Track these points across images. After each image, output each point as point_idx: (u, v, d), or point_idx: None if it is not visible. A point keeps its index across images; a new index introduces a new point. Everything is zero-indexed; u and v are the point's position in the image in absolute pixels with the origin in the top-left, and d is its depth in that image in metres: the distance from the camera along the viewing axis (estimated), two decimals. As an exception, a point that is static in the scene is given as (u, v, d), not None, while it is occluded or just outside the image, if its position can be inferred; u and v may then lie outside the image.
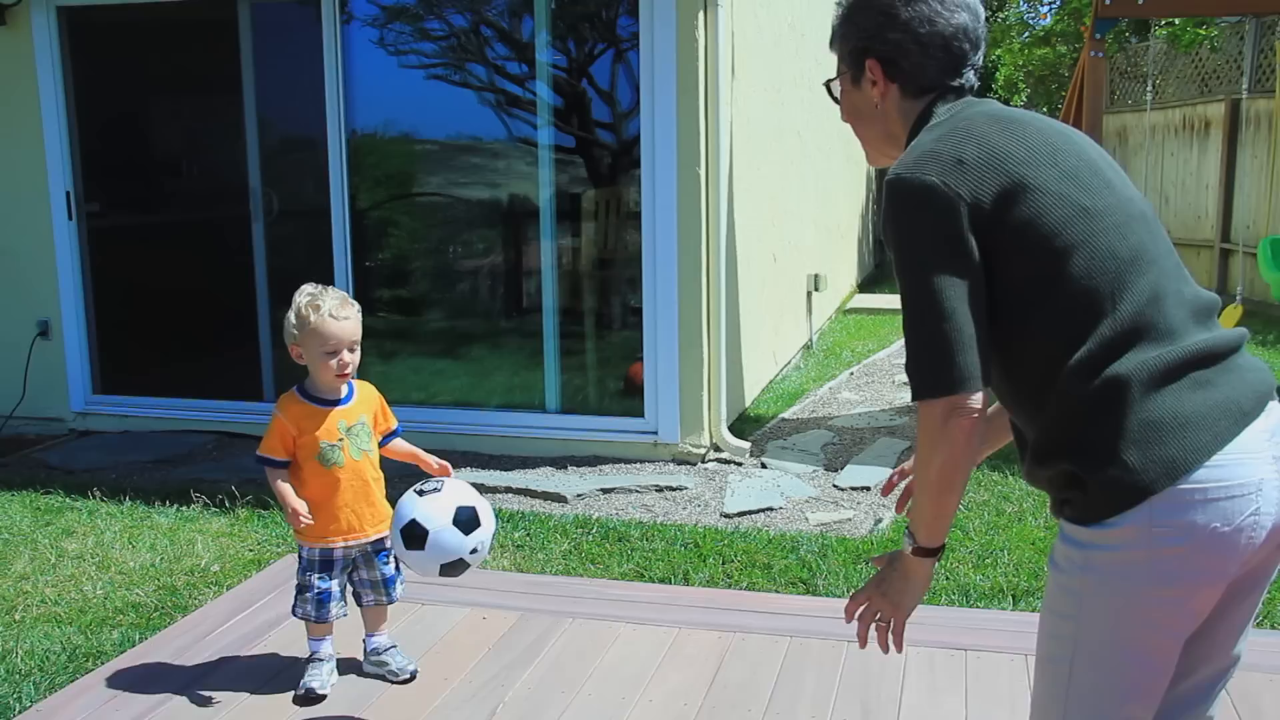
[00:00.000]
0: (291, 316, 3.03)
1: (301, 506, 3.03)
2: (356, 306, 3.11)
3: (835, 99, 2.05)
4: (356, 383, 3.19)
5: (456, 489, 2.92)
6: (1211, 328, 1.72)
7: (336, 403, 3.12)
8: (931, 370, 1.68)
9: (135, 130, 8.42)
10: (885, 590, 1.86)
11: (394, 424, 3.29)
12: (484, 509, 2.92)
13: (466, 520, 2.84)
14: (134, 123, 8.38)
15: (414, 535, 2.82)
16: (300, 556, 3.15)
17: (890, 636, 1.89)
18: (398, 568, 3.25)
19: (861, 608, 1.90)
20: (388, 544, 3.18)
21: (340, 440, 3.09)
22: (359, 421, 3.14)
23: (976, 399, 1.68)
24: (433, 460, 3.22)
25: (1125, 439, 1.62)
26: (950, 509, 1.76)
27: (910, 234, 1.71)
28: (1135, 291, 1.66)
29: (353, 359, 3.05)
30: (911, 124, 1.91)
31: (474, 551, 2.86)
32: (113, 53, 7.14)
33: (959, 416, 1.67)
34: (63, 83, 6.43)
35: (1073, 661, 1.71)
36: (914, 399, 1.71)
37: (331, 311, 3.00)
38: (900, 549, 1.84)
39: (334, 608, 3.16)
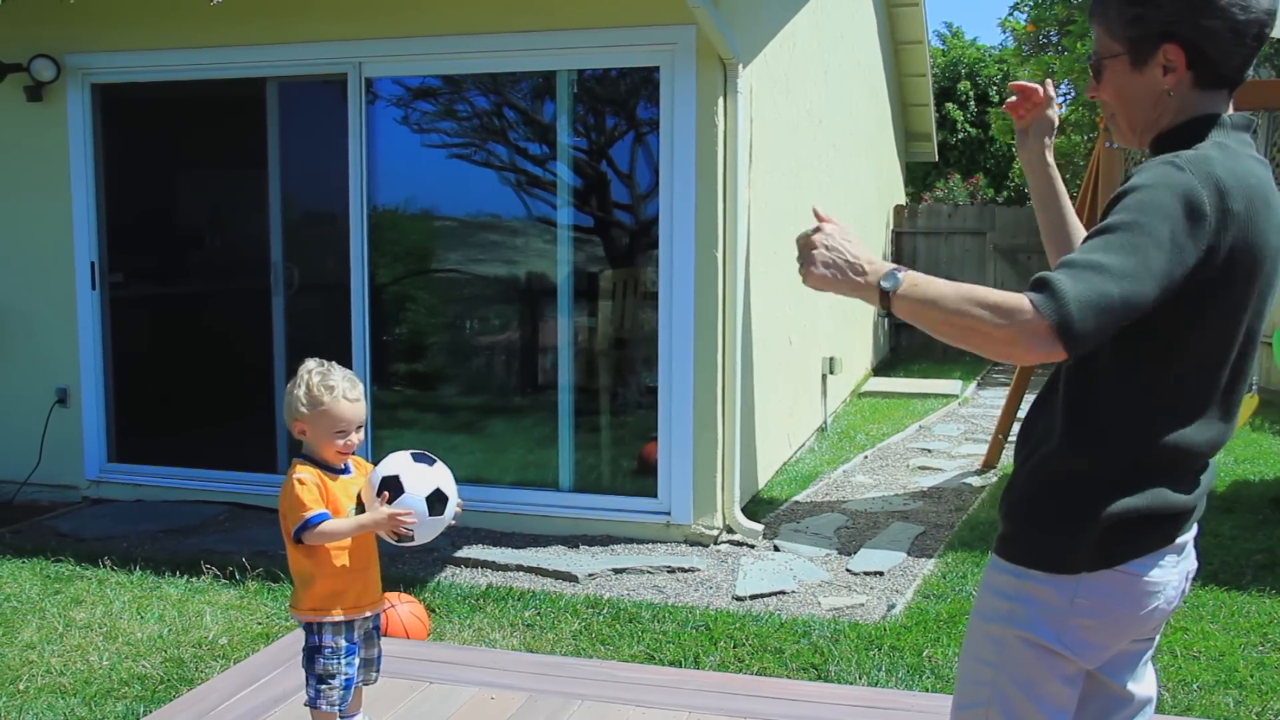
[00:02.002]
0: (300, 393, 2.95)
1: (388, 510, 2.91)
2: (362, 386, 3.09)
3: (1094, 75, 1.89)
4: (353, 459, 3.14)
5: (444, 472, 3.01)
6: (1210, 475, 1.91)
7: (344, 472, 3.09)
8: (1064, 289, 1.57)
9: (161, 203, 8.58)
10: (844, 250, 1.74)
11: None
12: (453, 500, 2.98)
13: (435, 500, 2.94)
14: (160, 196, 8.54)
15: (390, 487, 2.91)
16: (322, 646, 2.99)
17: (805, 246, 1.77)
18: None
19: (815, 238, 1.77)
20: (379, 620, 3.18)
21: (353, 509, 3.05)
22: (358, 494, 3.10)
23: (1060, 354, 1.59)
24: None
25: (1098, 524, 1.76)
26: (925, 315, 1.68)
27: (1156, 202, 1.63)
28: (1207, 425, 1.80)
29: (357, 439, 3.00)
30: (1187, 119, 1.81)
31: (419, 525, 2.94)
32: (143, 128, 7.30)
33: (1035, 346, 1.58)
34: (93, 156, 6.56)
35: (989, 704, 1.87)
36: (1033, 293, 1.59)
37: (345, 394, 2.94)
38: (879, 276, 1.71)
39: (351, 691, 3.11)
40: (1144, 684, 2.00)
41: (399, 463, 2.94)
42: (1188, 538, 1.85)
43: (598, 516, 5.82)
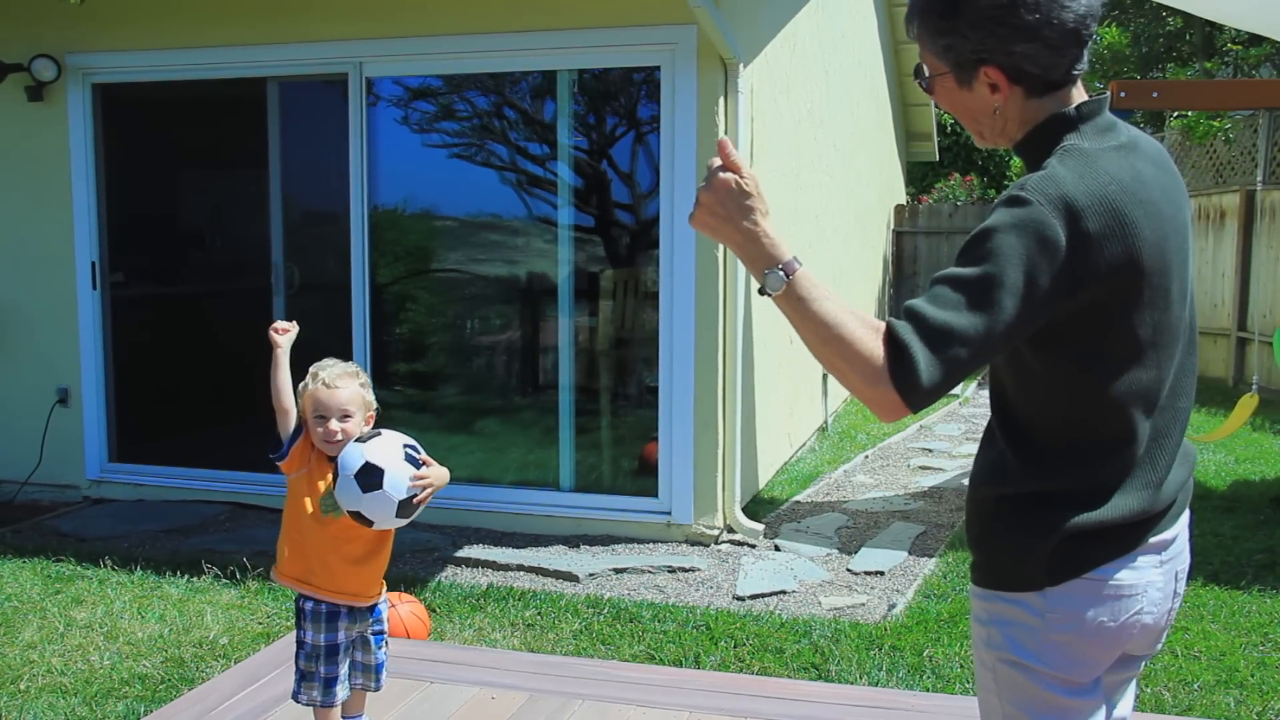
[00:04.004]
0: (300, 384, 3.06)
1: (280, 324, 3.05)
2: (361, 379, 3.05)
3: (923, 85, 1.83)
4: None
5: (386, 443, 2.89)
6: (1183, 467, 1.82)
7: None
8: (919, 366, 1.55)
9: (162, 203, 8.57)
10: (739, 212, 1.66)
11: None
12: (393, 473, 2.82)
13: (364, 475, 2.81)
14: (161, 195, 8.54)
15: (334, 474, 2.89)
16: (304, 642, 3.01)
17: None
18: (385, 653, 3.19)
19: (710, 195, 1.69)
20: (384, 626, 3.16)
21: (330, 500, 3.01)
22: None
23: (906, 412, 1.59)
24: None
25: (1054, 537, 1.71)
26: (797, 328, 1.66)
27: (1006, 247, 1.58)
28: (1139, 438, 1.73)
29: (341, 428, 2.95)
30: (1034, 126, 1.75)
31: (377, 502, 2.82)
32: (144, 127, 7.30)
33: (885, 410, 1.59)
34: (94, 156, 6.56)
35: None
36: (892, 359, 1.56)
37: (325, 380, 2.98)
38: (771, 270, 1.64)
39: (340, 691, 3.09)
40: (1124, 704, 1.96)
41: (344, 451, 2.92)
42: (1166, 536, 1.78)
43: (598, 516, 5.82)
